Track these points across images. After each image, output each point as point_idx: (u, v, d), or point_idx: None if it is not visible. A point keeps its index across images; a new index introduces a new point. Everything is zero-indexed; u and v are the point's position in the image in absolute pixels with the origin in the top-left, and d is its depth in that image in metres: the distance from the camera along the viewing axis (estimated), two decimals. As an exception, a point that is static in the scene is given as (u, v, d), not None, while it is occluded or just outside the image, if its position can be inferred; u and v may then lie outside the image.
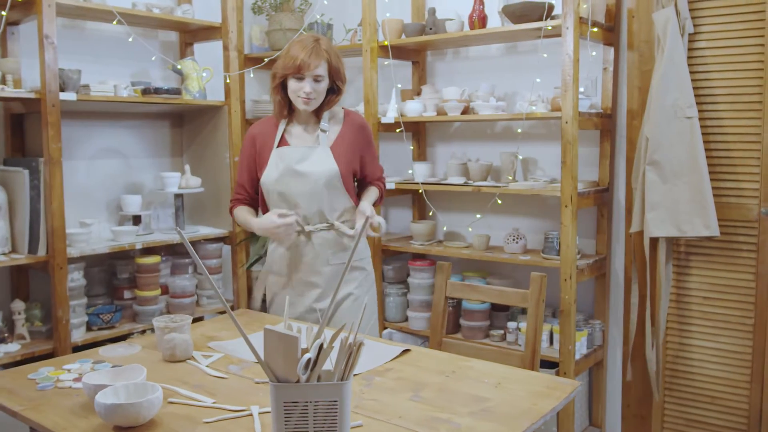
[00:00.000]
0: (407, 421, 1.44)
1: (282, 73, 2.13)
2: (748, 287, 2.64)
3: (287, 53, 2.12)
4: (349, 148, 2.23)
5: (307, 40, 2.12)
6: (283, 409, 1.27)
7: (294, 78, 2.11)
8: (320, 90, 2.13)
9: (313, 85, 2.11)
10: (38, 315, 2.80)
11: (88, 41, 3.12)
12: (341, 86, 2.20)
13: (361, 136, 2.27)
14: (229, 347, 1.94)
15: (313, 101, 2.14)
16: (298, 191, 2.17)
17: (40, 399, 1.57)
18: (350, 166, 2.23)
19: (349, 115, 2.29)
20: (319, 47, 2.10)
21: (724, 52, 2.59)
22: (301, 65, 2.07)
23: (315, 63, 2.08)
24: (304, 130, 2.26)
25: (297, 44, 2.12)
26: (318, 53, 2.09)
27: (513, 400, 1.55)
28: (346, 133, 2.25)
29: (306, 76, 2.09)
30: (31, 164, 2.64)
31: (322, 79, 2.12)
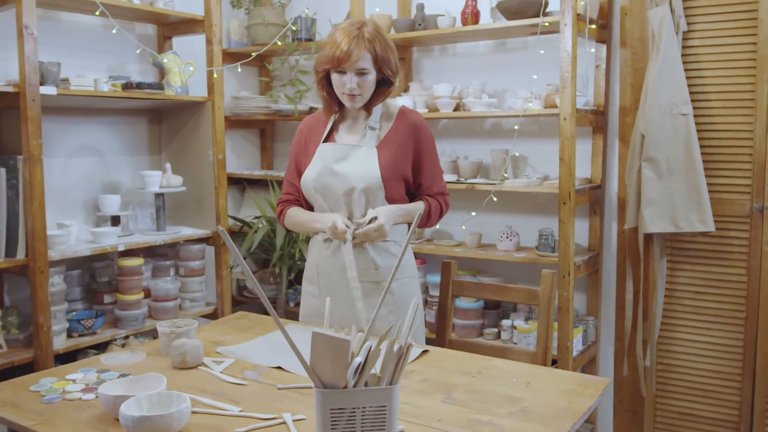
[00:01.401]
0: (448, 424, 1.39)
1: (323, 67, 1.90)
2: (740, 281, 2.69)
3: (328, 44, 1.89)
4: (397, 150, 1.95)
5: (349, 27, 1.86)
6: (330, 415, 1.21)
7: (336, 72, 1.88)
8: (366, 84, 1.88)
9: (357, 80, 1.86)
10: (15, 322, 2.64)
11: (62, 33, 2.96)
12: (392, 77, 1.92)
13: (414, 137, 1.98)
14: (238, 352, 1.85)
15: (359, 97, 1.90)
16: (332, 193, 1.95)
17: (50, 412, 1.46)
18: (397, 170, 1.94)
19: (405, 113, 2.01)
20: (361, 36, 1.84)
21: (716, 50, 2.63)
22: (341, 57, 1.83)
23: (356, 54, 1.83)
24: (352, 126, 2.02)
25: (339, 32, 1.87)
26: (359, 43, 1.83)
27: (548, 399, 1.52)
28: (397, 133, 1.97)
29: (348, 69, 1.85)
30: (9, 162, 2.49)
31: (368, 72, 1.87)
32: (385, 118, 2.01)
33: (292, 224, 2.08)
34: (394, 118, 2.01)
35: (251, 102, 3.61)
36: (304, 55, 3.40)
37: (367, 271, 1.96)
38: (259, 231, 3.13)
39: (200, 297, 3.22)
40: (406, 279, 2.03)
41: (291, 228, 2.11)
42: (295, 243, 3.21)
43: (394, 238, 2.00)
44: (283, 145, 3.99)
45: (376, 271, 1.96)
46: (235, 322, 2.17)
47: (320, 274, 2.04)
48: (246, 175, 3.67)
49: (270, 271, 3.70)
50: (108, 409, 1.40)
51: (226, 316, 2.24)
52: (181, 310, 3.15)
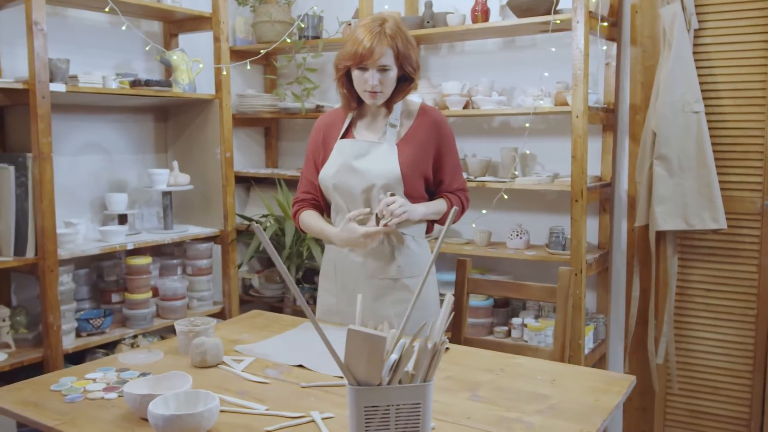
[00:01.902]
0: (478, 422, 1.38)
1: (344, 63, 1.87)
2: (751, 279, 2.69)
3: (349, 41, 1.86)
4: (418, 148, 1.93)
5: (371, 23, 1.85)
6: (364, 413, 1.20)
7: (357, 69, 1.85)
8: (388, 81, 1.86)
9: (379, 76, 1.84)
10: (23, 322, 2.62)
11: (68, 30, 2.94)
12: (413, 74, 1.90)
13: (435, 134, 1.96)
14: (257, 350, 1.84)
15: (380, 94, 1.87)
16: (351, 190, 1.93)
17: (74, 412, 1.44)
18: (417, 168, 1.92)
19: (426, 110, 1.99)
20: (383, 32, 1.82)
21: (728, 48, 2.63)
22: (363, 54, 1.80)
23: (379, 51, 1.80)
24: (372, 123, 1.99)
25: (360, 29, 1.85)
26: (382, 39, 1.81)
27: (574, 396, 1.52)
28: (418, 130, 1.95)
29: (369, 66, 1.83)
30: (18, 160, 2.46)
31: (389, 68, 1.84)
32: (406, 116, 1.99)
33: (306, 228, 2.04)
34: (415, 116, 1.98)
35: (257, 100, 3.59)
36: (312, 53, 3.38)
37: (386, 268, 1.95)
38: (267, 230, 3.11)
39: (208, 296, 3.20)
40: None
41: (304, 230, 2.07)
42: (304, 242, 3.19)
43: (413, 233, 1.99)
44: (289, 144, 3.98)
45: (398, 268, 1.95)
46: (251, 321, 2.15)
47: (338, 272, 2.03)
48: (252, 174, 3.65)
49: (276, 270, 3.68)
50: (134, 408, 1.38)
51: (241, 315, 2.22)
52: (189, 309, 3.13)
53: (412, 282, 1.97)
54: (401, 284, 1.96)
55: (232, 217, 3.20)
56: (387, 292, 1.96)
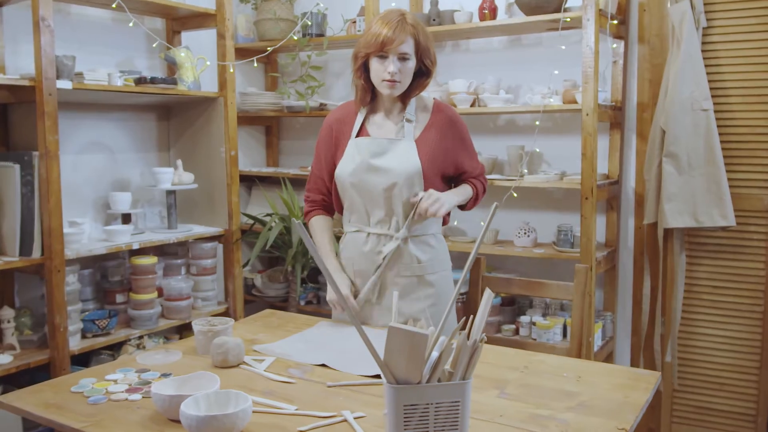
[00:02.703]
0: (511, 419, 1.37)
1: (364, 51, 1.86)
2: (758, 276, 2.71)
3: (369, 30, 1.86)
4: (436, 144, 1.94)
5: (391, 14, 1.86)
6: (403, 412, 1.18)
7: (377, 57, 1.84)
8: (406, 71, 1.86)
9: (399, 65, 1.83)
10: (28, 323, 2.58)
11: (71, 27, 2.89)
12: (431, 67, 1.91)
13: (452, 131, 1.97)
14: (277, 350, 1.81)
15: (399, 84, 1.86)
16: (371, 188, 1.91)
17: (99, 414, 1.41)
18: (435, 164, 1.93)
19: (440, 107, 2.00)
20: (404, 22, 1.84)
21: (736, 46, 2.65)
22: (385, 41, 1.80)
23: (401, 38, 1.81)
24: (387, 119, 1.97)
25: (380, 20, 1.85)
26: (404, 28, 1.82)
27: (603, 393, 1.51)
28: (434, 126, 1.96)
29: (390, 53, 1.82)
30: (23, 158, 2.42)
31: (409, 58, 1.85)
32: (421, 111, 1.98)
33: (311, 232, 2.02)
34: (430, 111, 1.98)
35: (260, 98, 3.56)
36: (316, 51, 3.36)
37: (409, 265, 1.94)
38: (273, 229, 3.08)
39: (212, 296, 3.17)
40: (445, 272, 2.02)
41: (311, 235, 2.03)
42: (309, 240, 3.17)
43: (432, 231, 1.98)
44: (290, 143, 3.95)
45: (419, 265, 1.94)
46: (265, 320, 2.13)
47: (356, 273, 2.00)
48: (255, 173, 3.62)
49: (280, 270, 3.65)
50: (162, 409, 1.36)
51: (254, 315, 2.19)
52: (194, 310, 3.09)
53: (435, 278, 1.97)
54: (425, 281, 1.95)
55: (237, 216, 3.17)
56: (411, 289, 1.96)
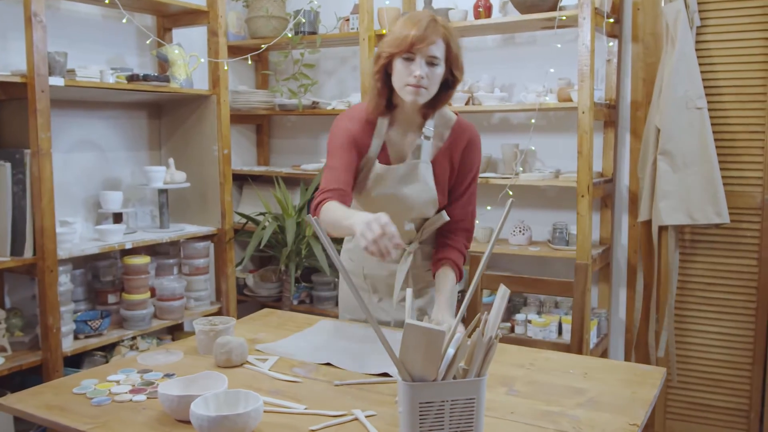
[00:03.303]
0: (523, 416, 1.37)
1: (388, 51, 1.68)
2: (751, 272, 2.74)
3: (394, 30, 1.70)
4: (450, 169, 1.81)
5: (420, 14, 1.69)
6: (419, 410, 1.17)
7: (402, 58, 1.66)
8: (434, 77, 1.68)
9: (426, 69, 1.66)
10: (19, 324, 2.53)
11: (61, 23, 2.84)
12: (459, 76, 1.74)
13: (469, 157, 1.82)
14: (279, 349, 1.79)
15: (424, 91, 1.67)
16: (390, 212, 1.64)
17: (104, 415, 1.38)
18: (445, 187, 1.82)
19: (462, 126, 1.83)
20: (436, 23, 1.67)
21: (729, 45, 2.67)
22: (414, 41, 1.63)
23: (431, 38, 1.64)
24: (404, 134, 1.80)
25: (408, 20, 1.69)
26: (435, 29, 1.65)
27: (611, 389, 1.51)
28: (452, 148, 1.81)
29: (418, 55, 1.65)
30: (14, 156, 2.37)
31: (438, 63, 1.67)
32: (441, 126, 1.81)
33: (328, 220, 1.65)
34: (451, 129, 1.82)
35: (251, 96, 3.54)
36: (309, 49, 3.34)
37: (419, 275, 1.92)
38: (267, 228, 3.06)
39: (205, 296, 3.14)
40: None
41: (324, 224, 1.68)
42: (303, 240, 3.15)
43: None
44: (281, 141, 3.93)
45: (428, 271, 1.93)
46: (264, 320, 2.11)
47: (366, 276, 1.96)
48: (246, 171, 3.60)
49: (272, 269, 3.63)
50: (170, 409, 1.34)
51: (254, 314, 2.17)
52: (186, 310, 3.06)
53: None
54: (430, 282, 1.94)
55: (230, 216, 3.14)
56: (421, 295, 1.95)
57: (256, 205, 3.62)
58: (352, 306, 2.02)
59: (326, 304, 3.46)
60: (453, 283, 1.85)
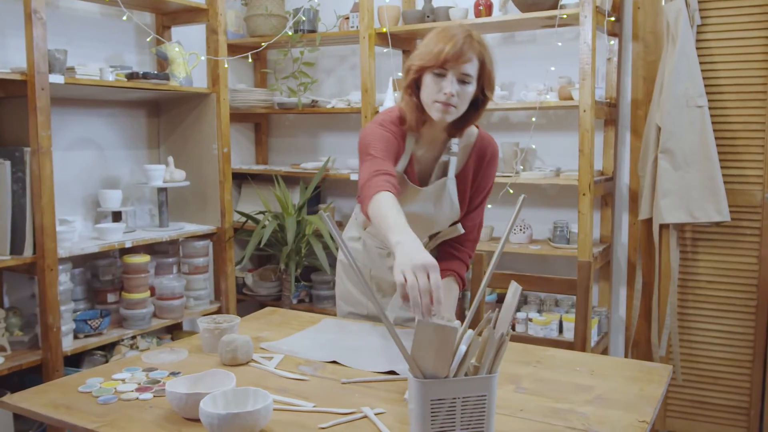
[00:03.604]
0: (533, 414, 1.37)
1: (419, 65, 1.60)
2: (752, 270, 2.75)
3: (427, 43, 1.62)
4: (470, 182, 1.79)
5: (455, 29, 1.61)
6: (430, 407, 1.17)
7: (433, 74, 1.59)
8: (465, 95, 1.61)
9: (457, 87, 1.59)
10: (18, 323, 2.51)
11: (59, 21, 2.82)
12: (490, 96, 1.67)
13: (487, 168, 1.80)
14: (284, 347, 1.79)
15: (453, 109, 1.61)
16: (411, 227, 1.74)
17: (111, 414, 1.37)
18: (465, 204, 1.82)
19: (483, 140, 1.79)
20: (471, 39, 1.59)
21: (730, 43, 2.68)
22: (447, 57, 1.55)
23: (466, 56, 1.57)
24: (429, 151, 1.77)
25: (441, 33, 1.60)
26: (472, 45, 1.58)
27: (618, 386, 1.51)
28: (474, 162, 1.79)
29: (450, 70, 1.58)
30: (14, 154, 2.36)
31: (470, 81, 1.60)
32: (464, 141, 1.78)
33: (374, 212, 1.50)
34: (473, 143, 1.79)
35: (250, 95, 3.53)
36: (308, 47, 3.33)
37: None
38: (267, 226, 3.05)
39: (204, 295, 3.13)
40: None
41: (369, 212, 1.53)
42: (303, 238, 3.14)
43: None
44: (279, 140, 3.91)
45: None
46: (267, 318, 2.10)
47: (372, 278, 1.96)
48: (245, 170, 3.58)
49: (271, 268, 3.62)
50: (178, 407, 1.33)
51: (256, 312, 2.16)
52: (186, 309, 3.04)
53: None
54: None
55: (230, 214, 3.13)
56: None
57: (255, 204, 3.61)
58: (354, 300, 2.01)
59: (326, 303, 3.45)
60: (456, 294, 1.85)
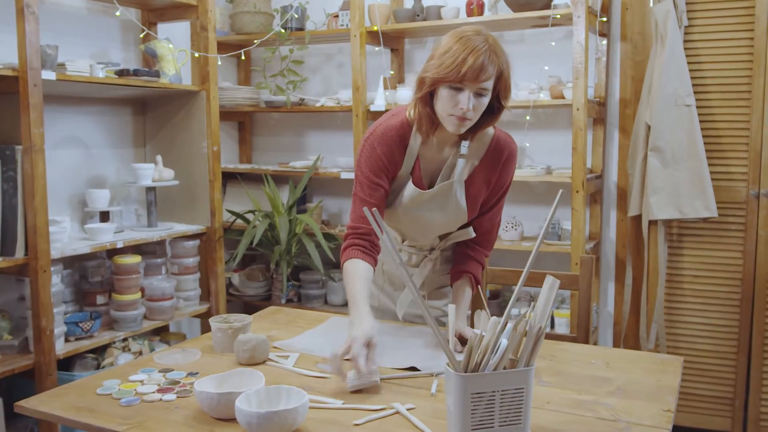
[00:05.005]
0: (560, 405, 1.39)
1: (435, 77, 1.53)
2: (736, 264, 2.83)
3: (444, 51, 1.53)
4: (483, 186, 1.75)
5: (475, 39, 1.52)
6: (470, 401, 1.18)
7: (449, 87, 1.54)
8: (480, 107, 1.57)
9: (474, 101, 1.54)
10: (7, 327, 2.44)
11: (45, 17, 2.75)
12: (504, 104, 1.63)
13: (503, 169, 1.76)
14: (297, 345, 1.78)
15: (468, 122, 1.58)
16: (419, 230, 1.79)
17: (137, 415, 1.35)
18: (477, 207, 1.78)
19: (500, 142, 1.74)
20: (492, 51, 1.53)
21: (715, 44, 2.76)
22: (467, 73, 1.49)
23: (488, 72, 1.51)
24: (438, 152, 1.73)
25: (461, 42, 1.52)
26: (492, 58, 1.52)
27: (636, 378, 1.55)
28: (489, 165, 1.74)
29: (468, 86, 1.53)
30: (5, 153, 2.29)
31: (486, 94, 1.55)
32: (477, 143, 1.72)
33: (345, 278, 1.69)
34: (487, 145, 1.73)
35: (236, 93, 3.49)
36: (297, 45, 3.31)
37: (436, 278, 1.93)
38: (259, 226, 3.02)
39: (194, 296, 3.08)
40: None
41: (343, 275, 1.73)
42: (294, 237, 3.12)
43: None
44: (264, 138, 3.88)
45: (446, 275, 1.93)
46: (273, 317, 2.08)
47: (384, 272, 1.96)
48: (231, 169, 3.54)
49: (258, 268, 3.59)
50: (209, 407, 1.31)
51: (260, 312, 2.14)
52: (176, 310, 2.99)
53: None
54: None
55: (220, 214, 3.09)
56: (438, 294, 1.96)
57: (240, 204, 3.57)
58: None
59: (315, 302, 3.44)
60: (469, 296, 1.85)
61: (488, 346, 1.19)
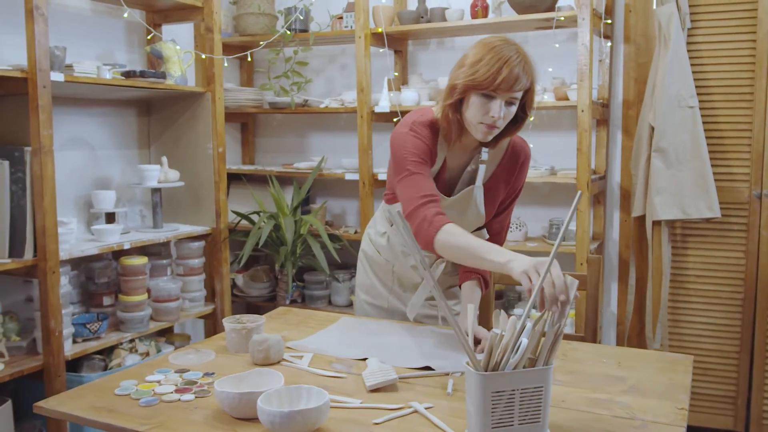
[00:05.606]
0: (575, 404, 1.41)
1: (467, 84, 1.56)
2: (739, 264, 2.86)
3: (476, 60, 1.55)
4: (503, 189, 1.80)
5: (507, 49, 1.55)
6: (491, 399, 1.19)
7: (482, 95, 1.57)
8: (508, 116, 1.60)
9: (504, 110, 1.58)
10: (15, 328, 2.44)
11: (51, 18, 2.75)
12: (528, 114, 1.66)
13: (519, 173, 1.81)
14: (310, 345, 1.79)
15: (496, 131, 1.62)
16: None
17: (157, 415, 1.36)
18: (494, 211, 1.82)
19: (516, 147, 1.78)
20: (526, 62, 1.56)
21: (718, 46, 2.79)
22: (503, 83, 1.52)
23: (521, 84, 1.55)
24: (460, 157, 1.76)
25: (494, 52, 1.54)
26: (526, 71, 1.55)
27: (648, 377, 1.57)
28: (507, 169, 1.79)
29: (501, 95, 1.56)
30: (14, 154, 2.29)
31: (516, 102, 1.59)
32: (496, 147, 1.76)
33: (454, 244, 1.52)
34: (504, 149, 1.78)
35: (240, 94, 3.50)
36: (301, 47, 3.33)
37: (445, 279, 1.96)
38: (264, 227, 3.03)
39: (200, 296, 3.09)
40: None
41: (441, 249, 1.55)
42: (299, 238, 3.13)
43: None
44: (266, 140, 3.89)
45: (455, 276, 1.96)
46: (283, 318, 2.09)
47: (395, 273, 1.98)
48: (235, 170, 3.55)
49: (262, 269, 3.59)
50: (230, 407, 1.32)
51: (270, 312, 2.15)
52: (182, 311, 3.00)
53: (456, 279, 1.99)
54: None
55: (225, 215, 3.10)
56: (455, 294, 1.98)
57: (243, 205, 3.58)
58: (376, 292, 2.03)
59: (319, 303, 3.45)
60: (479, 297, 1.86)
61: (508, 345, 1.21)
